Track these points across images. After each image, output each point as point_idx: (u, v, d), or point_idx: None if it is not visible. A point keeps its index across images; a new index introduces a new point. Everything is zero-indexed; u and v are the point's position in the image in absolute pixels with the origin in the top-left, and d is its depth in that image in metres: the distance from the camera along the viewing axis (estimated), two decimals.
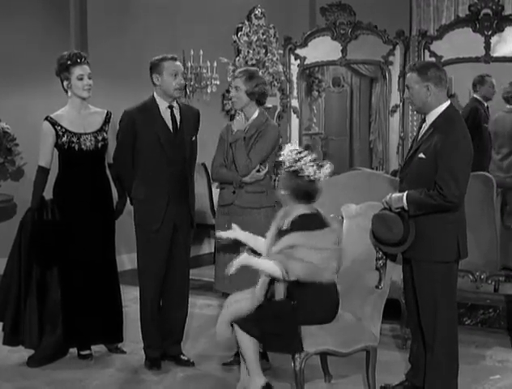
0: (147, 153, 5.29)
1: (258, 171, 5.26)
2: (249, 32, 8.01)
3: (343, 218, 5.05)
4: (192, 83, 8.52)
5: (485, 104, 7.93)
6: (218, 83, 8.57)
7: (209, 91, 8.46)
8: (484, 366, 5.47)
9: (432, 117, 4.64)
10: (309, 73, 11.00)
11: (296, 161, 4.55)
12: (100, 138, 5.47)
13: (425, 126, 4.68)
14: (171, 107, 5.34)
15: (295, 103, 7.12)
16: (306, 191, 4.57)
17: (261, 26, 8.99)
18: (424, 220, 4.57)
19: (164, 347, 5.48)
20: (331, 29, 6.85)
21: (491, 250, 6.36)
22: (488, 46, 6.28)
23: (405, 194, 4.57)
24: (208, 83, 8.47)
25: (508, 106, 7.45)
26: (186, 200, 5.41)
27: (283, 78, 7.41)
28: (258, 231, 4.98)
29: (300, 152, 4.58)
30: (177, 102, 5.39)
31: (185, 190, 5.41)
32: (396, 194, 4.64)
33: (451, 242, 4.60)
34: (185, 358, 5.48)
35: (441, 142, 4.49)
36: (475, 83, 8.08)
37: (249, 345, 4.56)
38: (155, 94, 5.34)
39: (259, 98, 5.28)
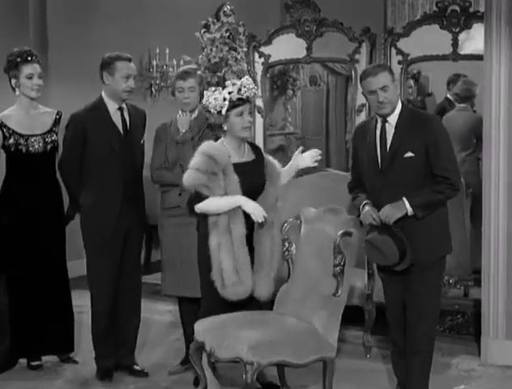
0: (98, 158, 5.07)
1: None
2: (213, 29, 7.73)
3: (301, 222, 4.84)
4: (158, 81, 8.30)
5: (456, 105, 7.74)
6: None
7: None
8: (449, 375, 5.28)
9: (394, 116, 4.48)
10: (284, 71, 10.82)
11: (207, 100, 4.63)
12: (49, 140, 5.23)
13: (390, 126, 4.48)
14: (121, 109, 5.13)
15: (259, 102, 6.92)
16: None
17: (229, 23, 8.77)
18: (423, 221, 4.42)
19: (116, 357, 5.27)
20: (296, 26, 6.63)
21: (461, 252, 6.19)
22: (455, 43, 6.08)
23: (405, 200, 4.37)
24: None
25: (459, 105, 7.28)
26: (138, 205, 5.22)
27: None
28: None
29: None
30: (125, 103, 5.18)
31: (137, 195, 5.21)
32: (392, 205, 4.39)
33: (448, 235, 4.58)
34: (139, 368, 5.27)
35: (431, 134, 4.39)
36: (449, 82, 7.92)
37: None
38: (103, 94, 5.13)
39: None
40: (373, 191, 4.55)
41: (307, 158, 4.87)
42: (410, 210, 4.39)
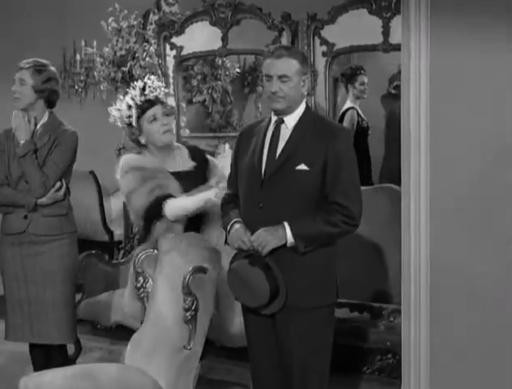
0: None
1: (58, 189, 4.22)
2: (152, 19, 6.78)
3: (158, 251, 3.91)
4: (82, 78, 7.41)
5: None
6: None
7: (102, 87, 7.28)
8: None
9: (293, 118, 3.57)
10: (254, 66, 9.99)
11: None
12: None
13: (285, 129, 3.57)
14: None
15: (171, 101, 5.97)
16: None
17: (173, 13, 7.90)
18: (306, 256, 3.48)
19: None
20: (209, 13, 5.69)
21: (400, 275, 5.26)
22: (386, 31, 5.12)
23: (287, 226, 3.44)
24: (102, 78, 7.31)
25: None
26: None
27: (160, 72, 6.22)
28: (58, 264, 4.26)
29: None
30: None
31: None
32: (269, 230, 3.45)
33: (334, 279, 3.62)
34: None
35: (334, 148, 3.46)
36: None
37: None
38: None
39: (49, 97, 4.31)
40: (249, 208, 3.59)
41: None
42: (291, 240, 3.45)
